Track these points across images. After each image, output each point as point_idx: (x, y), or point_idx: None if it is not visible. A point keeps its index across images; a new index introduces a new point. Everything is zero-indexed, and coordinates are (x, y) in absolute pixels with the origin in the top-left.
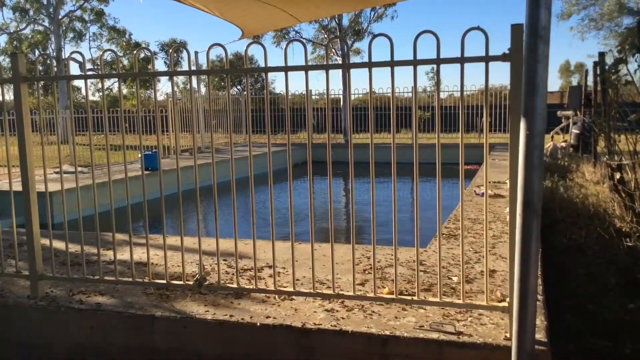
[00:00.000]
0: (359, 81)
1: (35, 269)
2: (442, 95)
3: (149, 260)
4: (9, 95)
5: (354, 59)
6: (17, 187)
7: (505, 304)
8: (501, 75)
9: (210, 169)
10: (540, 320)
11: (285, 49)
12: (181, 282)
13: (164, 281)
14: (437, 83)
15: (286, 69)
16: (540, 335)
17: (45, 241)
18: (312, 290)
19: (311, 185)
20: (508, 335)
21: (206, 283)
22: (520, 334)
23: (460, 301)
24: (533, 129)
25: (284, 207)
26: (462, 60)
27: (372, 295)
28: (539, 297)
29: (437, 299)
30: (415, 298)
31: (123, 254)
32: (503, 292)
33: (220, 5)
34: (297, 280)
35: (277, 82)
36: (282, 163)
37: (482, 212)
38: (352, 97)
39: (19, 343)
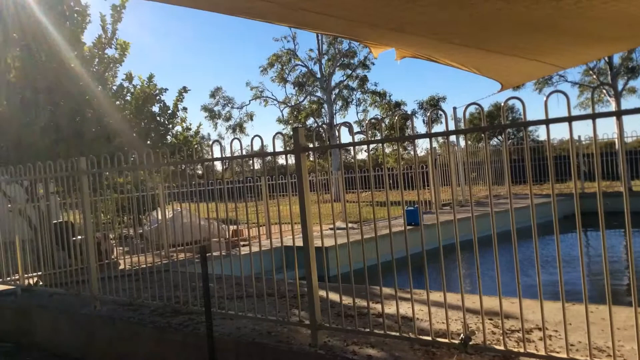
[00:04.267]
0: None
1: (315, 319)
2: None
3: (414, 315)
4: (288, 160)
5: (629, 99)
6: (298, 242)
7: None
8: None
9: (470, 223)
10: None
11: (546, 101)
12: (446, 340)
13: (429, 338)
14: None
15: (547, 121)
16: None
17: (323, 293)
18: (588, 358)
19: (580, 239)
20: None
21: (471, 343)
22: None
23: None
24: None
25: (551, 264)
26: None
27: None
28: None
29: None
30: None
31: (390, 308)
32: None
33: (479, 63)
34: (572, 345)
35: (540, 130)
36: (548, 215)
37: None
38: (630, 139)
39: None
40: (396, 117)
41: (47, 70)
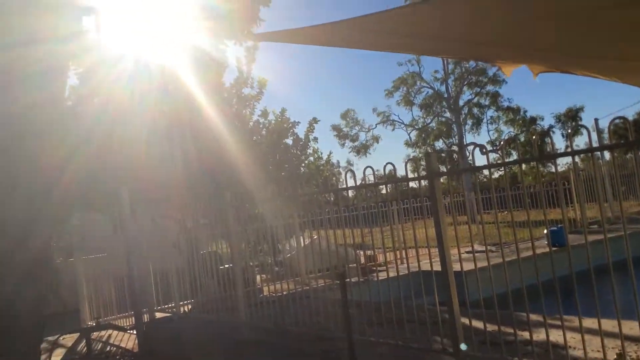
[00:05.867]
0: None
1: (459, 347)
2: None
3: (566, 343)
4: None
5: None
6: (434, 266)
7: None
8: None
9: (623, 241)
10: None
11: None
12: None
13: None
14: None
15: None
16: None
17: (464, 319)
18: None
19: None
20: None
21: None
22: None
23: None
24: None
25: None
26: None
27: None
28: None
29: None
30: None
31: (538, 335)
32: None
33: (620, 72)
34: None
35: None
36: None
37: None
38: None
39: None
40: (534, 136)
41: (187, 113)
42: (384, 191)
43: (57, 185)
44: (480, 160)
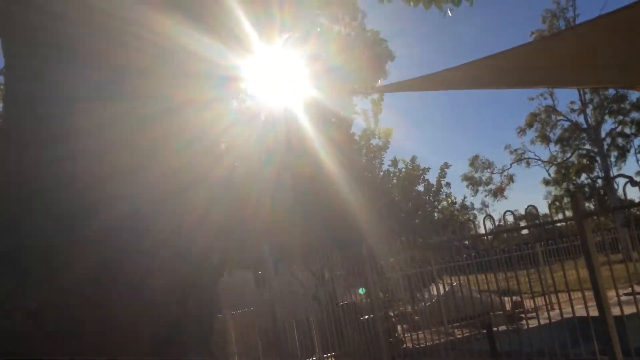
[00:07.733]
0: None
1: None
2: None
3: None
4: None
5: None
6: (591, 311)
7: None
8: None
9: None
10: None
11: None
12: None
13: None
14: None
15: None
16: None
17: None
18: None
19: None
20: None
21: None
22: None
23: None
24: None
25: None
26: None
27: None
28: None
29: None
30: None
31: None
32: None
33: None
34: None
35: None
36: None
37: None
38: None
39: None
40: None
41: (317, 169)
42: (523, 230)
43: (214, 245)
44: (631, 192)
